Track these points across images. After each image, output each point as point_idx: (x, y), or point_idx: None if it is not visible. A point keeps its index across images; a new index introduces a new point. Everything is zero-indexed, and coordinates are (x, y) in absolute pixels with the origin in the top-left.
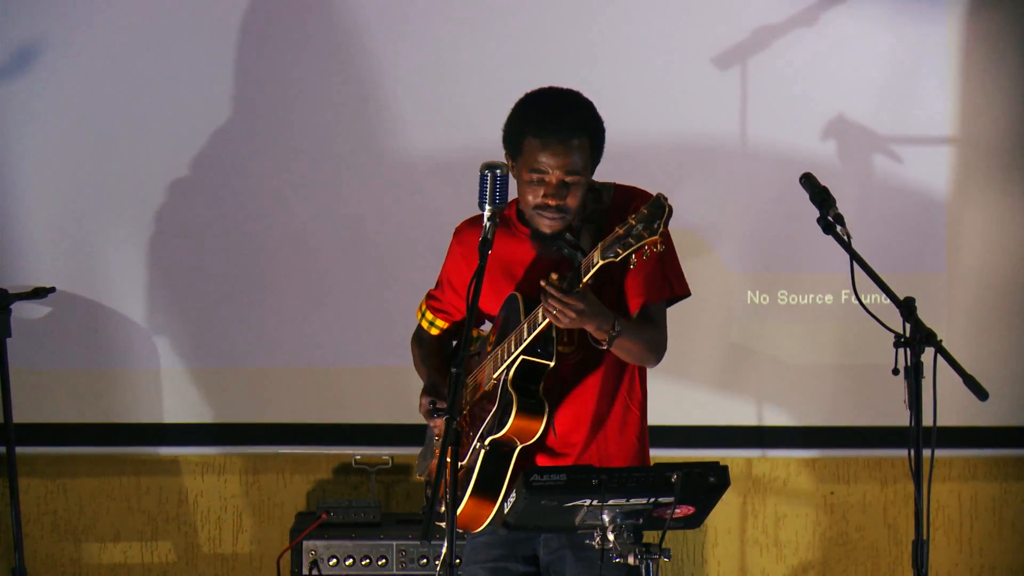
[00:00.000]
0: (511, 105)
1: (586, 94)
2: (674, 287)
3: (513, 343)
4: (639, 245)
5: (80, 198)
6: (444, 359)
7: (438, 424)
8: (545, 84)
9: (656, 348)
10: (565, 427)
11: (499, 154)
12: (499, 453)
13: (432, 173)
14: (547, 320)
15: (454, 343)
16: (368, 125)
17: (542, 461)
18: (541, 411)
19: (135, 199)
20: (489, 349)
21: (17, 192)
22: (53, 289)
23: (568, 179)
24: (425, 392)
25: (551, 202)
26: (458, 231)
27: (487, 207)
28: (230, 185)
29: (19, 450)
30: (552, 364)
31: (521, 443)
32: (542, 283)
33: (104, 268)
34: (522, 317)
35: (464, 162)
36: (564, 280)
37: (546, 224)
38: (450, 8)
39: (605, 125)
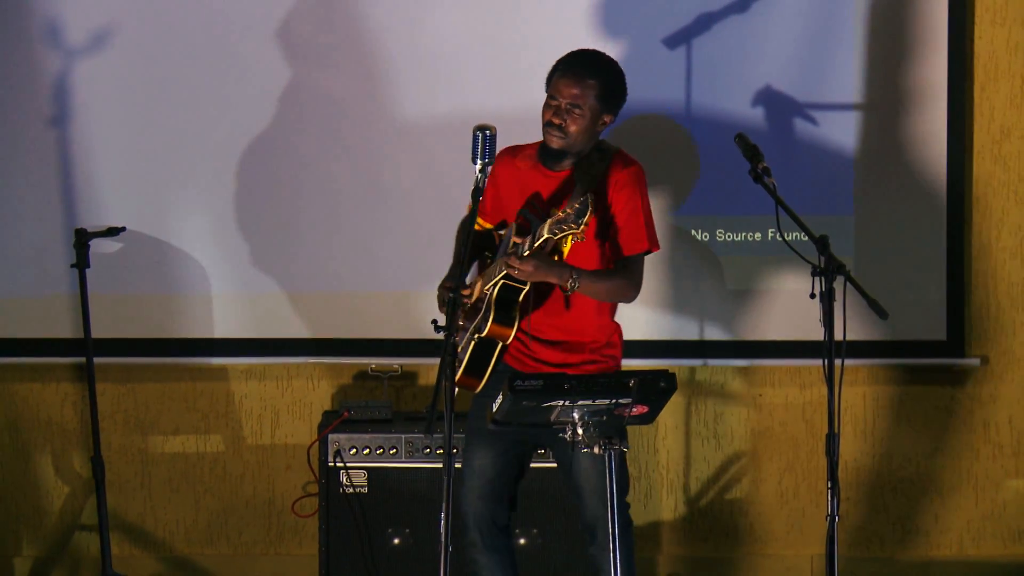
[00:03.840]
0: (488, 77)
1: None
2: (646, 243)
3: (497, 270)
4: (567, 233)
5: (146, 155)
6: (471, 252)
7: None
8: (524, 62)
9: (623, 291)
10: (541, 328)
11: (484, 116)
12: (485, 344)
13: (432, 131)
14: (504, 272)
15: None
16: (383, 95)
17: (530, 341)
18: (511, 323)
19: (192, 156)
20: (488, 262)
21: (96, 149)
22: (124, 228)
23: (573, 109)
24: (447, 277)
25: (555, 120)
26: (499, 156)
27: (478, 161)
28: (268, 143)
29: (96, 360)
30: (527, 288)
31: (500, 342)
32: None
33: (165, 211)
34: (508, 248)
35: (456, 123)
36: (519, 247)
37: (550, 139)
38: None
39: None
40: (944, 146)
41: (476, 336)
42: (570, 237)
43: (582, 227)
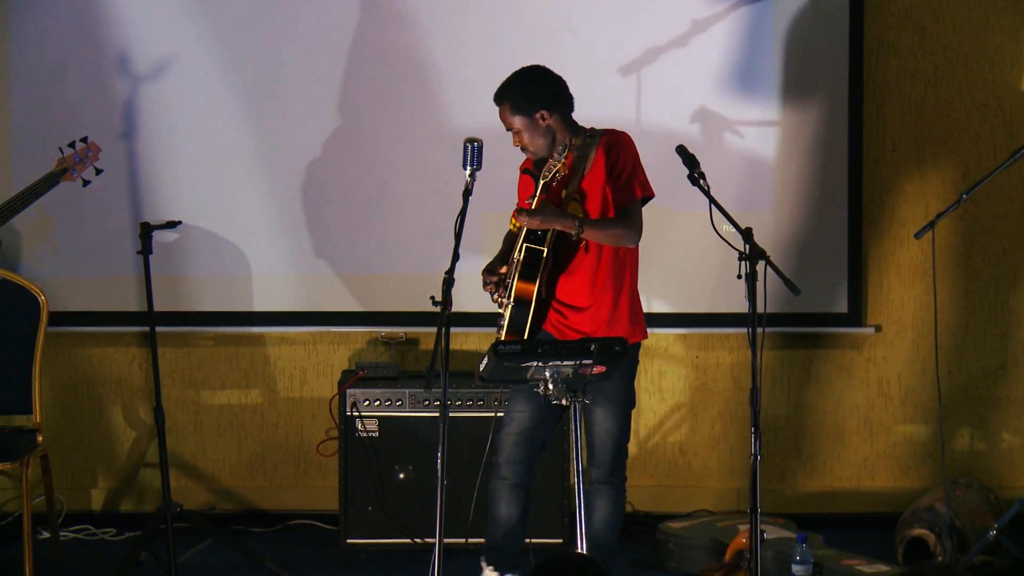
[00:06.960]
0: (480, 97)
1: None
2: (640, 191)
3: (521, 238)
4: (551, 175)
5: (198, 162)
6: (506, 250)
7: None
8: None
9: (622, 235)
10: (569, 294)
11: (470, 132)
12: (520, 306)
13: (431, 143)
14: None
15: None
16: (395, 114)
17: (565, 310)
18: (534, 280)
19: (235, 164)
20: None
21: (158, 158)
22: (180, 222)
23: (514, 133)
24: (487, 268)
25: (517, 145)
26: (523, 167)
27: (467, 168)
28: (298, 153)
29: (158, 329)
30: (544, 250)
31: (527, 300)
32: (516, 211)
33: (214, 209)
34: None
35: (450, 136)
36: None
37: (528, 156)
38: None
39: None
40: (846, 154)
41: (510, 299)
42: (563, 190)
43: (556, 168)
